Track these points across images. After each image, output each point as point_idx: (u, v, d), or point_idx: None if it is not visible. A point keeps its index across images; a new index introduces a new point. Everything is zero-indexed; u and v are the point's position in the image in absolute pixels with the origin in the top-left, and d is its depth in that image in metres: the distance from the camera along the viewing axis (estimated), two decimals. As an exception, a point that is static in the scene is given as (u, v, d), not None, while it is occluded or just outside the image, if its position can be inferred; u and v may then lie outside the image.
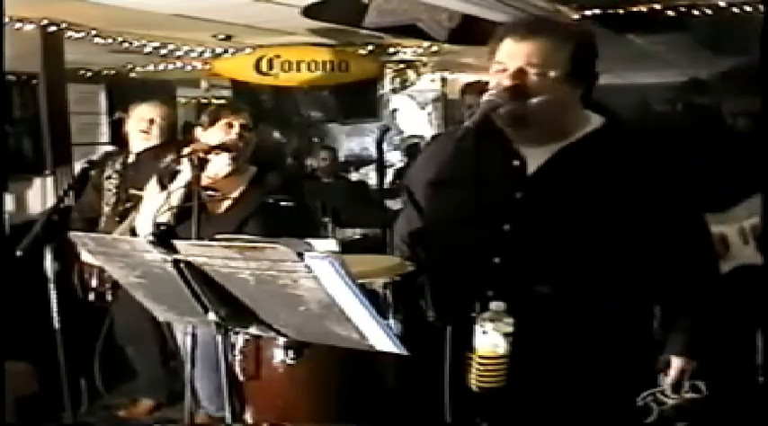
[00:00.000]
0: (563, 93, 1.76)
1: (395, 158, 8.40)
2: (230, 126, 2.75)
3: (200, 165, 2.54)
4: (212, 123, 2.77)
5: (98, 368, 3.47)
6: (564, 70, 1.73)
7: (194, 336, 2.51)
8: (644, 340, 1.84)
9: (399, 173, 6.83)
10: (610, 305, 1.76)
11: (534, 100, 1.72)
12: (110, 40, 5.54)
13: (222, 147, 2.67)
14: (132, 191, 3.35)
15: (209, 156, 2.62)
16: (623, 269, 1.77)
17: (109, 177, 3.67)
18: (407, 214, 2.05)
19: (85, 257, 3.30)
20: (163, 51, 6.17)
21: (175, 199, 2.56)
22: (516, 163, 1.82)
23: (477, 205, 1.77)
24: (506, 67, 1.75)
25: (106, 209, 3.64)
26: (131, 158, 3.69)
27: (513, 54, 1.75)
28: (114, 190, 3.64)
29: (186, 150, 2.56)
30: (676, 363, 1.81)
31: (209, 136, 2.74)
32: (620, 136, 1.84)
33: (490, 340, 1.63)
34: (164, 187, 2.72)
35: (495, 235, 1.77)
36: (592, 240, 1.74)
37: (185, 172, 2.59)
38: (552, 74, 1.73)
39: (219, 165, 2.73)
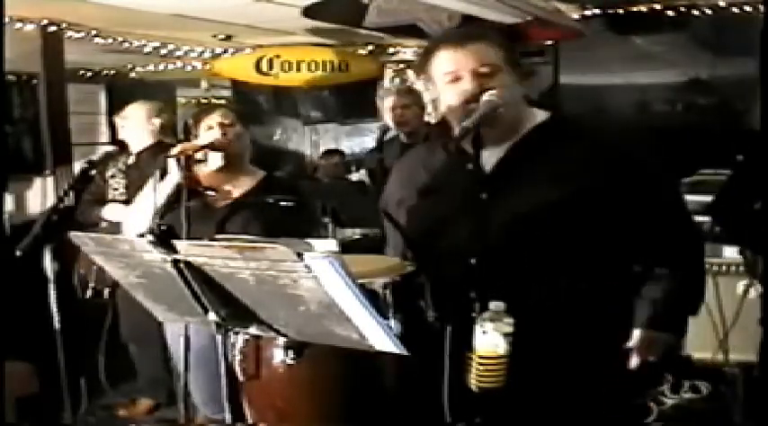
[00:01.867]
0: (515, 89, 1.81)
1: (395, 158, 8.35)
2: (210, 127, 2.75)
3: (188, 166, 2.55)
4: (195, 128, 2.79)
5: (102, 363, 3.45)
6: (507, 67, 1.79)
7: (187, 339, 2.49)
8: None
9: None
10: (611, 308, 1.76)
11: (506, 93, 1.76)
12: (110, 40, 5.55)
13: (210, 147, 2.69)
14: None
15: (205, 156, 2.64)
16: (602, 257, 1.78)
17: (113, 176, 3.68)
18: (390, 235, 2.05)
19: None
20: (163, 51, 6.17)
21: (161, 199, 2.58)
22: (470, 166, 1.83)
23: (449, 212, 1.81)
24: (458, 74, 1.78)
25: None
26: (131, 159, 3.70)
27: (458, 60, 1.79)
28: (122, 190, 3.65)
29: (173, 151, 2.57)
30: (638, 335, 1.80)
31: (200, 139, 2.76)
32: (566, 126, 1.88)
33: (490, 340, 1.62)
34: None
35: (470, 238, 1.77)
36: (558, 230, 1.75)
37: (173, 173, 2.60)
38: (502, 70, 1.79)
39: (213, 164, 2.74)
